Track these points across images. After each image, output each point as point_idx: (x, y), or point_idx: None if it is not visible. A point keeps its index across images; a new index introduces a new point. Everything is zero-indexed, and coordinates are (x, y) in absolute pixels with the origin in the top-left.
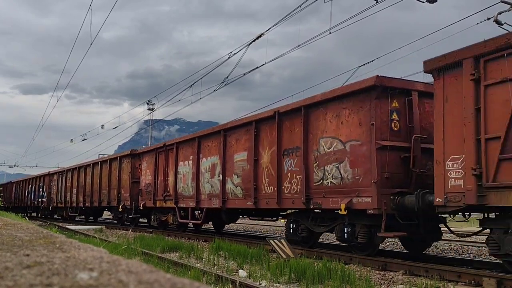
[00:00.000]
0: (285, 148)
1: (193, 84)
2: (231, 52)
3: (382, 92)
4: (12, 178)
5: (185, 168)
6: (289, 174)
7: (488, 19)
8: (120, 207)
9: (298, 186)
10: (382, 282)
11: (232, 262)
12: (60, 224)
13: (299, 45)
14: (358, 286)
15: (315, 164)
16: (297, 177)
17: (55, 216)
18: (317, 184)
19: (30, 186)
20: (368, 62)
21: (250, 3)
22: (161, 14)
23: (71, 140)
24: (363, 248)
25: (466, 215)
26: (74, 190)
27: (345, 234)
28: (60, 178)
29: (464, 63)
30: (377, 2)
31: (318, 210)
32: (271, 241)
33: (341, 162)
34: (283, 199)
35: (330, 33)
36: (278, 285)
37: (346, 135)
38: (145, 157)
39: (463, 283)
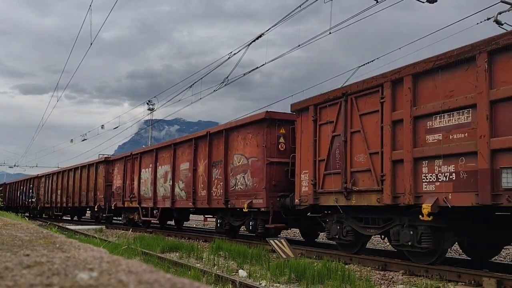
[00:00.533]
0: (214, 160)
1: (193, 84)
2: (231, 52)
3: (271, 123)
4: (12, 178)
5: (146, 174)
6: (216, 181)
7: (488, 19)
8: (95, 207)
9: (221, 190)
10: (382, 282)
11: (232, 262)
12: (60, 224)
13: (299, 45)
14: (358, 286)
15: (231, 174)
16: (220, 183)
17: (44, 216)
18: (232, 189)
19: (22, 187)
20: (368, 62)
21: (250, 3)
22: (161, 14)
23: (71, 140)
24: (261, 236)
25: None
26: (59, 192)
27: (250, 226)
28: (47, 181)
29: (309, 108)
30: (377, 2)
31: (234, 208)
32: (271, 241)
33: (245, 173)
34: (212, 200)
35: (330, 33)
36: (278, 285)
37: (249, 153)
38: (117, 163)
39: (463, 283)
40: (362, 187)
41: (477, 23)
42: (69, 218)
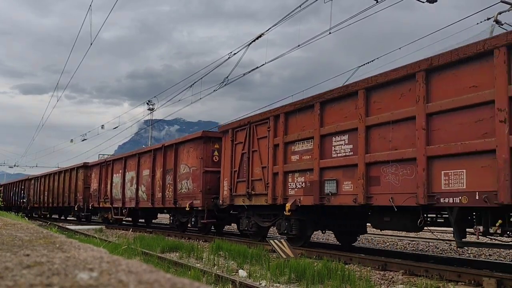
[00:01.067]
0: (167, 168)
1: (193, 84)
2: (231, 52)
3: (207, 140)
4: (11, 179)
5: (117, 178)
6: (168, 185)
7: (488, 19)
8: (76, 206)
9: (171, 193)
10: (382, 282)
11: (232, 262)
12: (60, 224)
13: (299, 45)
14: (358, 286)
15: (178, 180)
16: (171, 187)
17: (34, 215)
18: (179, 192)
19: (15, 188)
20: (368, 62)
21: (250, 3)
22: (161, 14)
23: (71, 140)
24: (199, 230)
25: None
26: (46, 193)
27: (192, 222)
28: (36, 183)
29: (229, 131)
30: (377, 2)
31: (181, 207)
32: (271, 241)
33: (188, 179)
34: (166, 201)
35: (330, 33)
36: (278, 285)
37: (191, 163)
38: (94, 168)
39: (463, 283)
40: (257, 192)
41: (477, 23)
42: (57, 217)
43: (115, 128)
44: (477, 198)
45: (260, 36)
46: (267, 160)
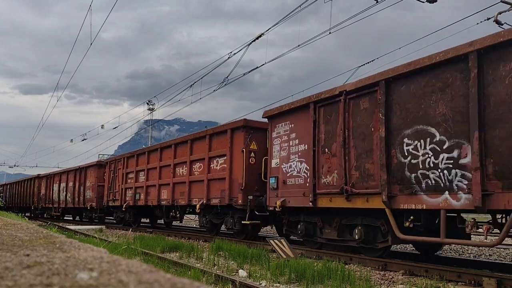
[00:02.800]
0: (81, 181)
1: (193, 84)
2: (231, 52)
3: (101, 167)
4: (12, 179)
5: (56, 187)
6: (80, 192)
7: (488, 19)
8: (32, 206)
9: (82, 198)
10: (382, 282)
11: (232, 262)
12: (60, 224)
13: (299, 45)
14: (358, 286)
15: (84, 189)
16: (82, 194)
17: (9, 212)
18: (86, 197)
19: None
20: (368, 62)
21: (249, 4)
22: (160, 14)
23: (71, 140)
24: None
25: None
26: (16, 196)
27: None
28: (10, 187)
29: (108, 163)
30: (377, 2)
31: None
32: (271, 241)
33: (90, 189)
34: (80, 203)
35: (330, 33)
36: (278, 285)
37: (92, 180)
38: (43, 179)
39: (463, 283)
40: (117, 198)
41: (477, 23)
42: (20, 212)
43: (115, 128)
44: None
45: (260, 36)
46: (122, 180)
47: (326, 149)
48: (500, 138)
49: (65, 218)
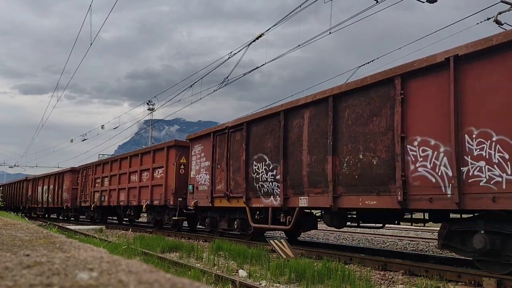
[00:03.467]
0: (60, 185)
1: (193, 84)
2: (231, 52)
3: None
4: (13, 179)
5: (39, 189)
6: (59, 194)
7: (488, 19)
8: (21, 206)
9: (60, 199)
10: (382, 282)
11: (232, 262)
12: (60, 224)
13: (299, 45)
14: (358, 286)
15: (60, 192)
16: (60, 196)
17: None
18: (63, 198)
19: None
20: (368, 62)
21: (249, 4)
22: (160, 14)
23: (71, 140)
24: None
25: None
26: (7, 197)
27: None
28: (4, 189)
29: (81, 170)
30: (377, 2)
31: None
32: (271, 241)
33: (67, 191)
34: (58, 203)
35: (330, 33)
36: (278, 285)
37: (68, 184)
38: (30, 182)
39: (463, 283)
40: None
41: (477, 23)
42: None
43: (115, 128)
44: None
45: (260, 36)
46: (91, 184)
47: (219, 165)
48: (291, 164)
49: (50, 216)
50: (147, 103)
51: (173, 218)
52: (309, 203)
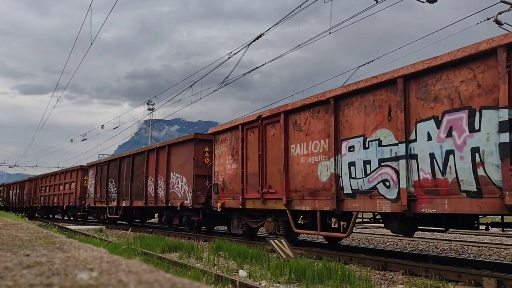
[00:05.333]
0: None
1: (193, 84)
2: (231, 52)
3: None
4: (12, 179)
5: (12, 192)
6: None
7: (488, 19)
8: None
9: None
10: (382, 282)
11: (232, 262)
12: (60, 224)
13: (299, 45)
14: (358, 286)
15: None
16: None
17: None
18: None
19: None
20: (368, 62)
21: (249, 4)
22: (160, 14)
23: (71, 140)
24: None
25: None
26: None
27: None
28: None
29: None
30: (377, 2)
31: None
32: (271, 241)
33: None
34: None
35: (330, 33)
36: (278, 285)
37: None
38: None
39: (463, 283)
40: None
41: (477, 23)
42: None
43: (115, 128)
44: None
45: (260, 36)
46: (39, 191)
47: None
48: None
49: (17, 213)
50: (147, 103)
51: (78, 213)
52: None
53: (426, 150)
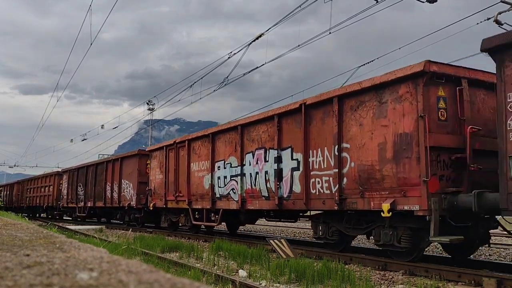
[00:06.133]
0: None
1: (193, 84)
2: (231, 52)
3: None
4: (13, 179)
5: (2, 193)
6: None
7: (488, 19)
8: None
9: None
10: (382, 282)
11: (232, 262)
12: (60, 224)
13: (299, 45)
14: (358, 286)
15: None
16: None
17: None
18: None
19: None
20: (368, 62)
21: (249, 4)
22: (160, 15)
23: (71, 140)
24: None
25: None
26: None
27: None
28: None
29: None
30: (377, 2)
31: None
32: (271, 241)
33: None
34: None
35: (330, 33)
36: (278, 285)
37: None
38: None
39: (463, 283)
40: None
41: (477, 23)
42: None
43: (115, 128)
44: None
45: (260, 36)
46: (26, 192)
47: None
48: None
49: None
50: (147, 103)
51: (55, 212)
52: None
53: (248, 171)
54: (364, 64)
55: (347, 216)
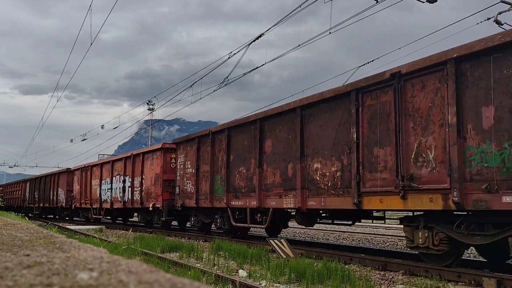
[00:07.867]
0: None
1: (193, 84)
2: (231, 52)
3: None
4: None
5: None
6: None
7: (488, 19)
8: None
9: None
10: (382, 282)
11: (232, 262)
12: (60, 224)
13: (299, 45)
14: (358, 286)
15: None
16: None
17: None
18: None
19: None
20: (368, 62)
21: (248, 4)
22: (160, 15)
23: (71, 140)
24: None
25: None
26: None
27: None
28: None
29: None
30: (377, 2)
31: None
32: (271, 241)
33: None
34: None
35: (330, 33)
36: (278, 285)
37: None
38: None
39: (463, 283)
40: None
41: (477, 23)
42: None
43: (115, 128)
44: None
45: (259, 37)
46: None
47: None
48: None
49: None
50: (147, 103)
51: (22, 210)
52: None
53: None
54: (364, 64)
55: None
